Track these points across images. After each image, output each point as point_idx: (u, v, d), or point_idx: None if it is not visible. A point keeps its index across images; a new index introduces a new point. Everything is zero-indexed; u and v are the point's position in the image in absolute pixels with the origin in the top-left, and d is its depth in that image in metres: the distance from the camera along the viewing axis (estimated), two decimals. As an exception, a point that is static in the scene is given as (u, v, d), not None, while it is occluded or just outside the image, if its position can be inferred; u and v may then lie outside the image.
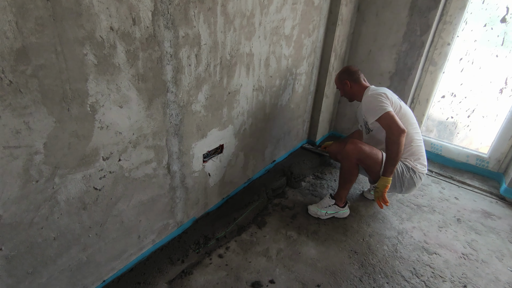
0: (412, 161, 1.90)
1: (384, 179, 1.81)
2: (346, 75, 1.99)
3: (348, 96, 2.06)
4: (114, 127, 1.17)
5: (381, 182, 1.81)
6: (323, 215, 2.04)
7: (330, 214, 2.04)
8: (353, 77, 1.98)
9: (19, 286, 1.08)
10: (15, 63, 0.84)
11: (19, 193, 0.97)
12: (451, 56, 2.47)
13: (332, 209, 2.03)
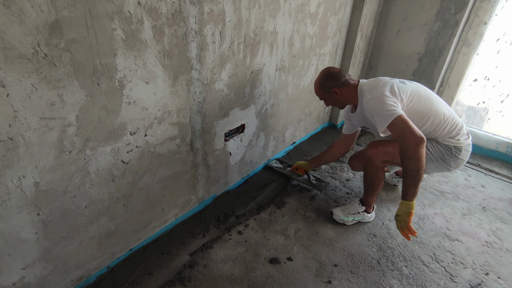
0: (453, 138, 1.59)
1: (405, 204, 1.43)
2: (332, 82, 1.60)
3: (339, 105, 1.71)
4: (141, 102, 1.20)
5: (402, 209, 1.45)
6: (350, 221, 1.85)
7: (357, 220, 1.86)
8: (340, 81, 1.60)
9: (54, 248, 1.16)
10: (49, 37, 0.87)
11: (54, 163, 1.03)
12: (487, 37, 2.32)
13: (360, 215, 1.84)
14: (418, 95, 1.53)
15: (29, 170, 0.98)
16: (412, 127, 1.33)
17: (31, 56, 0.85)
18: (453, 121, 1.60)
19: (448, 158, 1.63)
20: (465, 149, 1.63)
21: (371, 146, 1.64)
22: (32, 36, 0.83)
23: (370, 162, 1.65)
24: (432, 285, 1.55)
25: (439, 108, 1.56)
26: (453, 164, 1.65)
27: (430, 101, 1.55)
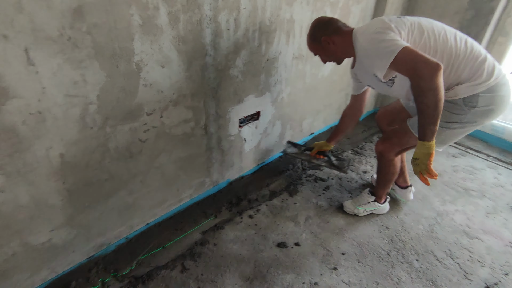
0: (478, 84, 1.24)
1: (424, 145, 1.21)
2: (322, 31, 1.40)
3: (335, 58, 1.48)
4: (157, 85, 1.28)
5: (421, 151, 1.23)
6: (361, 212, 1.82)
7: (369, 211, 1.83)
8: (330, 28, 1.39)
9: (78, 216, 1.29)
10: (73, 21, 0.96)
11: (77, 137, 1.14)
12: (527, 25, 2.15)
13: (371, 206, 1.81)
14: (420, 27, 1.26)
15: (56, 142, 1.09)
16: (423, 55, 1.09)
17: (57, 38, 0.95)
18: (472, 55, 1.24)
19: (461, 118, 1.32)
20: (494, 88, 1.25)
21: (380, 141, 1.59)
22: (58, 20, 0.93)
23: (381, 157, 1.61)
24: (443, 280, 1.51)
25: (455, 44, 1.25)
26: (476, 119, 1.32)
27: (436, 33, 1.26)
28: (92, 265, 1.41)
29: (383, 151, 1.57)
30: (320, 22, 1.43)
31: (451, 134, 1.40)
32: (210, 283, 1.45)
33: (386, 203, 1.84)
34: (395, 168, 1.64)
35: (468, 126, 1.36)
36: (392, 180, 1.71)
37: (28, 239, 1.17)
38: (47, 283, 1.32)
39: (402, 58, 1.11)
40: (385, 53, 1.15)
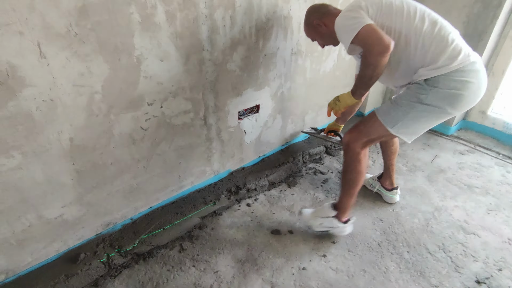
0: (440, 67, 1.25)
1: (350, 97, 1.41)
2: (314, 15, 1.49)
3: (330, 39, 1.51)
4: (156, 78, 1.40)
5: (346, 98, 1.43)
6: (317, 225, 1.64)
7: (325, 227, 1.63)
8: (321, 12, 1.48)
9: (87, 195, 1.44)
10: (79, 19, 1.10)
11: (84, 123, 1.29)
12: (539, 19, 2.09)
13: (329, 222, 1.61)
14: (391, 6, 1.30)
15: (65, 127, 1.24)
16: (379, 33, 1.19)
17: (65, 34, 1.09)
18: (437, 38, 1.25)
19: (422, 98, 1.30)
20: (461, 74, 1.24)
21: (347, 131, 1.51)
22: (65, 18, 1.07)
23: (348, 149, 1.48)
24: (432, 272, 1.53)
25: (414, 23, 1.27)
26: (440, 102, 1.29)
27: (405, 15, 1.28)
28: (100, 241, 1.56)
29: (349, 141, 1.47)
30: (312, 8, 1.54)
31: (416, 120, 1.35)
32: (204, 262, 1.56)
33: (349, 224, 1.63)
34: (361, 165, 1.48)
35: (433, 111, 1.32)
36: (358, 183, 1.52)
37: (43, 213, 1.33)
38: (59, 254, 1.48)
39: (362, 34, 1.21)
40: (350, 29, 1.24)
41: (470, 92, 1.28)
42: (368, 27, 1.20)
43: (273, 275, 1.50)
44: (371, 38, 1.20)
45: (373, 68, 1.23)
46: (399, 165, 2.31)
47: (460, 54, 1.24)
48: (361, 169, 1.49)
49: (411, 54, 1.30)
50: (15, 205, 1.24)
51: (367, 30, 1.21)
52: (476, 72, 1.26)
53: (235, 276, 1.49)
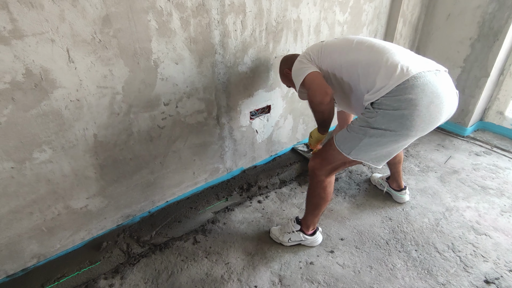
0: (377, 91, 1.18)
1: (319, 134, 1.52)
2: (284, 64, 1.65)
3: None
4: (172, 79, 1.51)
5: (315, 135, 1.55)
6: (286, 241, 1.66)
7: (295, 241, 1.65)
8: (289, 62, 1.57)
9: (108, 188, 1.56)
10: (102, 27, 1.22)
11: (107, 121, 1.41)
12: (559, 16, 2.04)
13: (296, 236, 1.64)
14: (328, 46, 1.39)
15: (90, 124, 1.37)
16: (318, 82, 1.30)
17: (90, 41, 1.21)
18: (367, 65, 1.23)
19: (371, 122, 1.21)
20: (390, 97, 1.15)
21: (312, 157, 1.49)
22: (91, 26, 1.19)
23: (313, 174, 1.46)
24: (440, 270, 1.53)
25: (354, 55, 1.28)
26: (390, 124, 1.17)
27: (344, 50, 1.32)
28: (120, 232, 1.68)
29: (313, 167, 1.45)
30: (284, 58, 1.68)
31: (372, 145, 1.24)
32: (216, 254, 1.64)
33: (317, 234, 1.65)
34: (325, 192, 1.47)
35: (387, 135, 1.19)
36: (321, 207, 1.53)
37: (70, 203, 1.47)
38: (84, 242, 1.61)
39: (305, 82, 1.35)
40: (297, 79, 1.39)
41: (420, 110, 1.13)
42: (309, 75, 1.33)
43: (281, 268, 1.56)
44: (312, 87, 1.31)
45: (319, 114, 1.38)
46: (411, 165, 2.31)
47: (396, 71, 1.14)
48: (325, 196, 1.48)
49: (355, 84, 1.28)
50: (46, 195, 1.37)
51: (308, 79, 1.33)
52: (420, 87, 1.12)
53: (244, 267, 1.56)
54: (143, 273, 1.55)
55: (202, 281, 1.50)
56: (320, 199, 1.49)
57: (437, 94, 1.14)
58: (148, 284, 1.49)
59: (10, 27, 1.04)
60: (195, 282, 1.50)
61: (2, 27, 1.03)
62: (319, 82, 1.30)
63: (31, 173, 1.29)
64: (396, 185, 1.93)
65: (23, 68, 1.12)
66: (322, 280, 1.50)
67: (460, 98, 2.46)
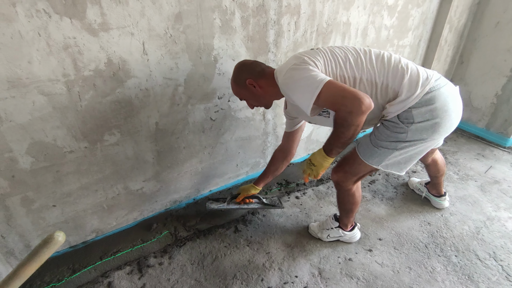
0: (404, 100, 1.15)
1: (325, 158, 1.22)
2: (246, 73, 1.32)
3: (263, 101, 1.40)
4: (228, 75, 1.60)
5: (319, 160, 1.24)
6: (325, 237, 1.70)
7: (333, 237, 1.69)
8: (255, 71, 1.32)
9: (162, 173, 1.67)
10: (174, 23, 1.33)
11: (167, 111, 1.52)
12: None
13: (334, 232, 1.67)
14: (334, 55, 1.21)
15: (154, 112, 1.48)
16: (351, 89, 1.05)
17: (163, 35, 1.32)
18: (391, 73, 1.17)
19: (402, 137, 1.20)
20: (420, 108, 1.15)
21: (334, 170, 1.44)
22: (165, 22, 1.30)
23: (338, 186, 1.47)
24: (481, 277, 1.53)
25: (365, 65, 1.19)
26: (422, 135, 1.19)
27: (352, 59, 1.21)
28: (168, 215, 1.79)
29: (338, 180, 1.43)
30: (244, 65, 1.35)
31: (405, 157, 1.27)
32: (257, 244, 1.72)
33: (355, 230, 1.69)
34: (354, 198, 1.49)
35: (418, 144, 1.22)
36: (354, 210, 1.55)
37: (128, 184, 1.59)
38: (136, 222, 1.73)
39: (327, 93, 1.06)
40: (308, 90, 1.09)
41: (450, 114, 1.18)
42: (330, 83, 1.07)
43: (321, 262, 1.61)
44: (343, 96, 1.05)
45: (355, 128, 1.07)
46: (450, 172, 2.29)
47: (420, 81, 1.15)
48: (355, 200, 1.50)
49: (373, 95, 1.20)
50: (110, 175, 1.50)
51: (332, 86, 1.07)
52: (446, 92, 1.16)
53: (285, 258, 1.63)
54: (189, 255, 1.64)
55: (244, 267, 1.58)
56: (351, 204, 1.53)
57: (455, 95, 1.21)
58: (195, 266, 1.59)
59: (99, 21, 1.16)
60: (238, 267, 1.58)
61: (93, 20, 1.15)
62: (349, 88, 1.07)
63: (101, 154, 1.42)
64: (436, 192, 1.93)
65: (105, 57, 1.24)
66: (361, 276, 1.54)
67: (504, 108, 2.43)
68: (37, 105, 1.18)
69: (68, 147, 1.32)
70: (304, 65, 1.15)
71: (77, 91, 1.24)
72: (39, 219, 1.41)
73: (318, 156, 1.24)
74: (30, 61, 1.10)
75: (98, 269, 1.53)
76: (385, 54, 1.22)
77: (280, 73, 1.23)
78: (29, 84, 1.13)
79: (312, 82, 1.09)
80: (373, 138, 1.28)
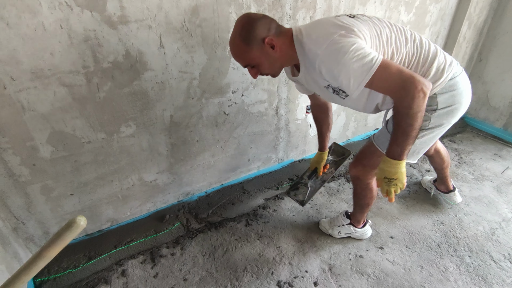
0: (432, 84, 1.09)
1: (400, 165, 1.06)
2: (263, 30, 1.04)
3: (276, 68, 1.15)
4: (241, 69, 1.61)
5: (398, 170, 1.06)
6: (336, 234, 1.69)
7: (344, 234, 1.68)
8: (273, 27, 1.07)
9: (175, 165, 1.70)
10: (191, 16, 1.34)
11: (182, 104, 1.54)
12: None
13: (346, 229, 1.66)
14: (377, 29, 1.07)
15: (169, 105, 1.50)
16: (410, 72, 0.93)
17: (179, 28, 1.34)
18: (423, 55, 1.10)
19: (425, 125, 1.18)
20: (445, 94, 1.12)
21: (352, 165, 1.43)
22: (182, 15, 1.31)
23: (358, 181, 1.44)
24: (495, 279, 1.51)
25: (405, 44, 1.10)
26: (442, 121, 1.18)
27: (394, 38, 1.09)
28: (180, 207, 1.82)
29: (357, 175, 1.42)
30: (257, 19, 1.05)
31: (421, 144, 1.25)
32: (268, 238, 1.73)
33: (367, 227, 1.68)
34: (371, 192, 1.47)
35: (436, 130, 1.21)
36: (370, 204, 1.54)
37: (143, 175, 1.62)
38: (149, 213, 1.77)
39: (382, 76, 0.94)
40: (360, 71, 0.95)
41: (465, 100, 1.18)
42: (385, 65, 0.94)
43: (331, 258, 1.61)
44: (403, 80, 0.93)
45: (421, 114, 0.96)
46: (465, 172, 2.25)
47: (446, 65, 1.11)
48: (372, 194, 1.49)
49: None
50: (125, 166, 1.53)
51: (386, 69, 0.93)
52: (462, 80, 1.15)
53: (295, 253, 1.64)
54: (200, 246, 1.67)
55: (255, 260, 1.59)
56: (368, 199, 1.51)
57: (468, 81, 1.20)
58: (206, 257, 1.61)
59: (119, 13, 1.19)
60: (248, 260, 1.59)
61: (113, 13, 1.17)
62: (405, 69, 0.95)
63: (117, 145, 1.45)
64: (444, 188, 1.90)
65: (124, 50, 1.26)
66: (372, 273, 1.53)
67: (525, 107, 2.35)
68: (58, 95, 1.21)
69: (86, 138, 1.36)
70: (353, 37, 0.97)
71: (96, 82, 1.26)
72: (58, 207, 1.45)
73: (391, 167, 1.07)
74: (52, 53, 1.13)
75: (112, 257, 1.57)
76: (416, 36, 1.13)
77: (315, 42, 1.02)
78: (51, 75, 1.16)
79: (365, 61, 0.93)
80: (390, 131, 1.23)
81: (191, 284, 1.48)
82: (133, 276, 1.51)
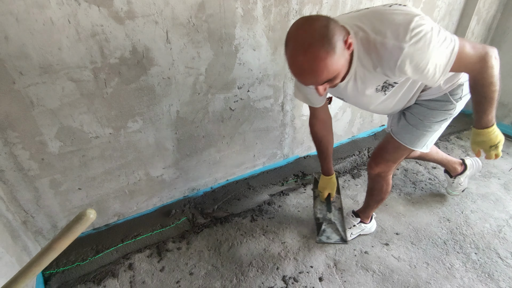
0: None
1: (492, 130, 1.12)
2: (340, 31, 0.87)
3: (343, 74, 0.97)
4: (248, 65, 1.61)
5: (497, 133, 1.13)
6: (348, 236, 1.64)
7: (356, 234, 1.67)
8: (338, 25, 0.89)
9: (181, 161, 1.71)
10: (197, 12, 1.34)
11: (188, 99, 1.54)
12: None
13: (357, 228, 1.66)
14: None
15: (175, 101, 1.51)
16: (475, 43, 0.98)
17: (186, 24, 1.34)
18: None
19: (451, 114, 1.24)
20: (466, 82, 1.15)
21: (373, 163, 1.42)
22: (188, 11, 1.31)
23: (379, 178, 1.45)
24: (502, 276, 1.50)
25: None
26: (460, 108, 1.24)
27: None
28: (186, 202, 1.83)
29: (380, 172, 1.41)
30: (330, 20, 0.88)
31: (438, 133, 1.31)
32: (273, 233, 1.73)
33: (373, 220, 1.71)
34: (389, 187, 1.50)
35: (450, 119, 1.27)
36: (384, 199, 1.55)
37: (149, 170, 1.63)
38: (156, 208, 1.78)
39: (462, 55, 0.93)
40: (445, 55, 0.92)
41: None
42: (462, 41, 0.95)
43: (336, 254, 1.62)
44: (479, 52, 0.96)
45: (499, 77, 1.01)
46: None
47: None
48: (389, 188, 1.50)
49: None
50: (132, 161, 1.55)
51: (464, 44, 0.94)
52: None
53: (300, 248, 1.64)
54: (206, 241, 1.68)
55: (260, 255, 1.60)
56: (384, 193, 1.53)
57: None
58: (211, 252, 1.62)
59: (126, 9, 1.19)
60: (254, 255, 1.60)
61: (120, 8, 1.18)
62: (472, 41, 0.99)
63: (124, 140, 1.46)
64: (453, 169, 1.87)
65: (130, 45, 1.27)
66: (377, 269, 1.53)
67: (534, 104, 2.32)
68: (66, 91, 1.23)
69: (94, 133, 1.37)
70: (427, 21, 0.90)
71: (103, 78, 1.27)
72: (66, 201, 1.47)
73: (490, 134, 1.11)
74: (60, 48, 1.14)
75: (119, 251, 1.59)
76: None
77: (383, 34, 0.90)
78: (59, 70, 1.18)
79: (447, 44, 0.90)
80: (417, 123, 1.24)
81: (197, 278, 1.49)
82: (140, 269, 1.53)
